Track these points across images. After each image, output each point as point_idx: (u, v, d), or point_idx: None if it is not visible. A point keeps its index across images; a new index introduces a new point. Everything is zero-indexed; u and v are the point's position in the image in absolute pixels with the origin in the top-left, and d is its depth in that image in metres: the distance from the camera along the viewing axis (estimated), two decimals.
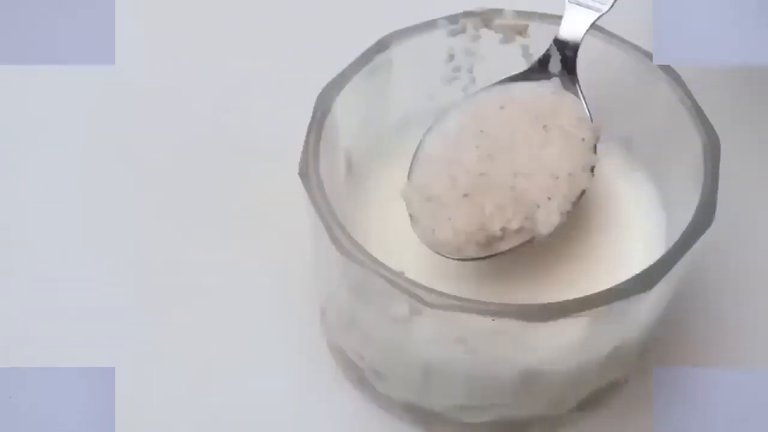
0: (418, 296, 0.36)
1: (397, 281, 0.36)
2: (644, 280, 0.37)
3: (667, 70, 0.43)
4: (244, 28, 0.57)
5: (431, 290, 0.36)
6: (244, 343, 0.46)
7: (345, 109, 0.42)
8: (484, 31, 0.45)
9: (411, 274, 0.37)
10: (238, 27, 0.57)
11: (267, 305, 0.47)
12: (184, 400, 0.45)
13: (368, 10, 0.54)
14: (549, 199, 0.40)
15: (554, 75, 0.43)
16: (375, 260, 0.37)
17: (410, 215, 0.41)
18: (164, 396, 0.45)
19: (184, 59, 0.55)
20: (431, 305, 0.36)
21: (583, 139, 0.42)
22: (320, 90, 0.42)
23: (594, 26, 0.43)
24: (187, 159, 0.51)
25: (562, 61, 0.43)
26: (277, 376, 0.45)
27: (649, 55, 0.43)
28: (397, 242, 0.41)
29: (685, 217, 0.39)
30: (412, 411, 0.43)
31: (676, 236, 0.39)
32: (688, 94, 0.42)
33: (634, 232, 0.44)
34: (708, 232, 0.38)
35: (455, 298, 0.36)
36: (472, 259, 0.40)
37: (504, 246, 0.40)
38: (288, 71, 0.54)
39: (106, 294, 0.47)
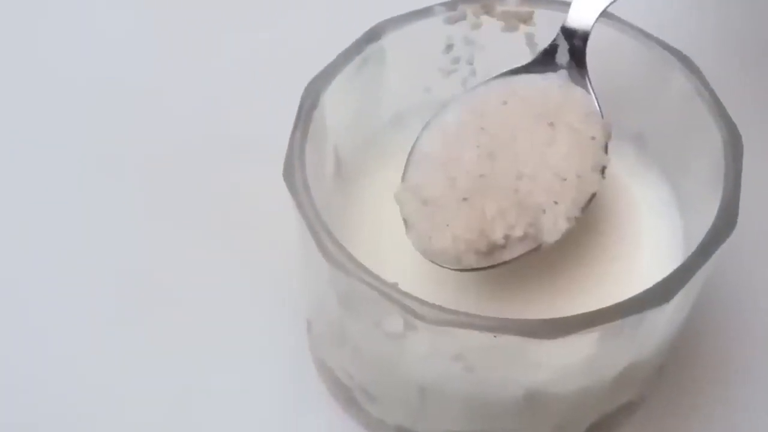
0: (413, 310, 0.35)
1: (389, 293, 0.36)
2: (661, 292, 0.36)
3: (683, 59, 0.43)
4: (230, 18, 0.57)
5: (427, 303, 0.35)
6: (223, 353, 0.46)
7: (334, 103, 0.42)
8: (485, 19, 0.45)
9: (405, 286, 0.36)
10: (223, 18, 0.57)
11: (250, 316, 0.47)
12: (161, 422, 0.44)
13: None
14: (556, 203, 0.40)
15: (561, 67, 0.43)
16: (365, 269, 0.36)
17: (404, 220, 0.40)
18: (142, 416, 0.44)
19: (169, 56, 0.56)
20: (427, 320, 0.35)
21: (593, 138, 0.41)
22: (307, 83, 0.41)
23: (604, 13, 0.43)
24: (169, 159, 0.51)
25: (569, 52, 0.43)
26: (258, 395, 0.45)
27: (663, 44, 0.43)
28: (390, 250, 0.41)
29: (704, 221, 0.39)
30: None
31: (694, 242, 0.38)
32: (706, 86, 0.42)
33: (648, 238, 0.43)
34: (730, 237, 0.38)
35: (453, 312, 0.35)
36: (472, 270, 0.40)
37: (507, 255, 0.39)
38: (275, 63, 0.54)
39: (82, 302, 0.47)
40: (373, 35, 0.43)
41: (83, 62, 0.55)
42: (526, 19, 0.44)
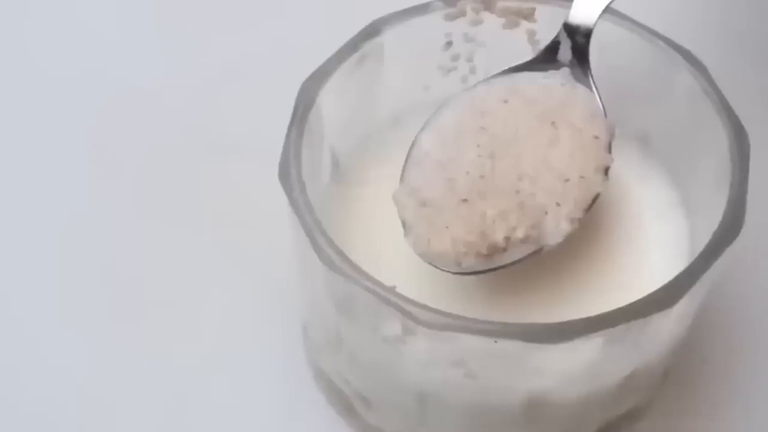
0: (412, 314, 0.35)
1: (387, 297, 0.36)
2: (666, 296, 0.36)
3: (689, 57, 0.43)
4: (225, 15, 0.57)
5: (426, 307, 0.35)
6: (217, 359, 0.46)
7: (330, 102, 0.41)
8: (485, 15, 0.44)
9: (403, 289, 0.36)
10: (218, 16, 0.57)
11: (244, 321, 0.47)
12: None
13: None
14: (558, 204, 0.39)
15: (564, 64, 0.43)
16: (363, 273, 0.36)
17: (403, 222, 0.40)
18: (135, 426, 0.44)
19: (162, 54, 0.55)
20: (426, 324, 0.35)
21: (596, 137, 0.41)
22: (303, 81, 0.41)
23: (607, 9, 0.43)
24: (163, 160, 0.51)
25: (572, 49, 0.43)
26: (253, 402, 0.45)
27: (668, 41, 0.43)
28: (388, 253, 0.41)
29: (710, 223, 0.38)
30: None
31: (700, 245, 0.38)
32: (712, 84, 0.42)
33: (653, 240, 0.43)
34: (737, 240, 0.38)
35: (453, 316, 0.35)
36: (472, 273, 0.39)
37: (508, 258, 0.39)
38: (270, 61, 0.54)
39: (74, 304, 0.47)
40: (370, 32, 0.42)
41: (76, 60, 0.55)
42: (528, 15, 0.44)
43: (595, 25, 0.42)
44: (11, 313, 0.47)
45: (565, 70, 0.43)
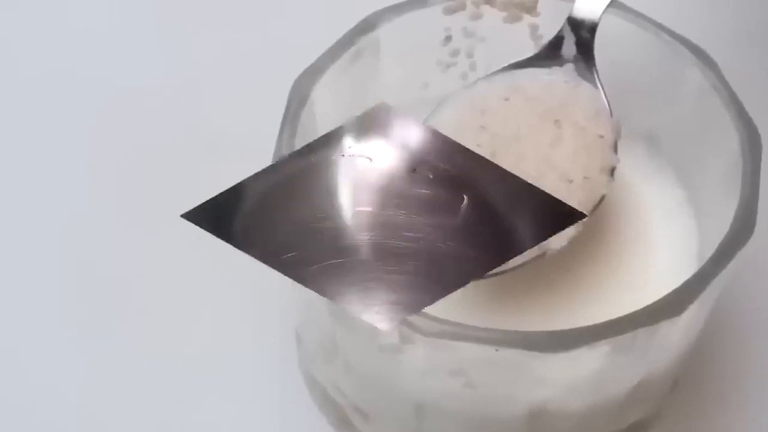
0: (409, 321, 0.35)
1: None
2: (675, 302, 0.36)
3: (698, 52, 0.42)
4: (219, 13, 0.57)
5: (424, 314, 0.35)
6: (207, 368, 0.45)
7: (324, 100, 0.41)
8: (486, 8, 0.44)
9: None
10: (211, 13, 0.57)
11: (235, 328, 0.46)
12: None
13: None
14: None
15: (567, 60, 0.43)
16: None
17: None
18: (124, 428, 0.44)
19: (152, 51, 0.55)
20: (424, 332, 0.35)
21: (601, 136, 0.41)
22: (296, 78, 0.41)
23: (613, 3, 0.42)
24: (152, 161, 0.51)
25: (576, 44, 0.43)
26: (244, 413, 0.44)
27: (676, 36, 0.43)
28: None
29: (720, 226, 0.38)
30: None
31: (709, 245, 0.38)
32: (723, 81, 0.41)
33: (660, 244, 0.43)
34: (748, 243, 0.37)
35: (452, 323, 0.35)
36: None
37: (509, 262, 0.38)
38: (262, 58, 0.54)
39: (69, 306, 0.47)
40: (366, 26, 0.42)
41: (74, 61, 0.55)
42: (530, 9, 0.44)
43: (600, 19, 0.42)
44: (9, 313, 0.47)
45: (569, 67, 0.43)
